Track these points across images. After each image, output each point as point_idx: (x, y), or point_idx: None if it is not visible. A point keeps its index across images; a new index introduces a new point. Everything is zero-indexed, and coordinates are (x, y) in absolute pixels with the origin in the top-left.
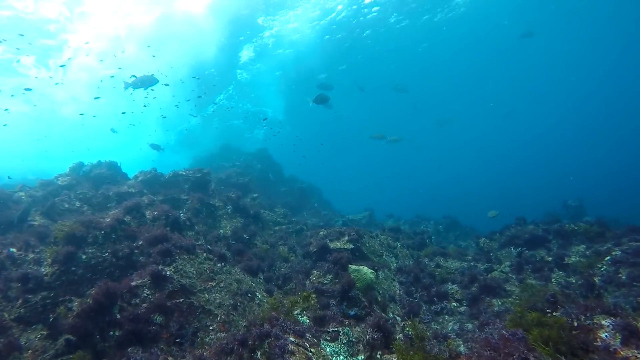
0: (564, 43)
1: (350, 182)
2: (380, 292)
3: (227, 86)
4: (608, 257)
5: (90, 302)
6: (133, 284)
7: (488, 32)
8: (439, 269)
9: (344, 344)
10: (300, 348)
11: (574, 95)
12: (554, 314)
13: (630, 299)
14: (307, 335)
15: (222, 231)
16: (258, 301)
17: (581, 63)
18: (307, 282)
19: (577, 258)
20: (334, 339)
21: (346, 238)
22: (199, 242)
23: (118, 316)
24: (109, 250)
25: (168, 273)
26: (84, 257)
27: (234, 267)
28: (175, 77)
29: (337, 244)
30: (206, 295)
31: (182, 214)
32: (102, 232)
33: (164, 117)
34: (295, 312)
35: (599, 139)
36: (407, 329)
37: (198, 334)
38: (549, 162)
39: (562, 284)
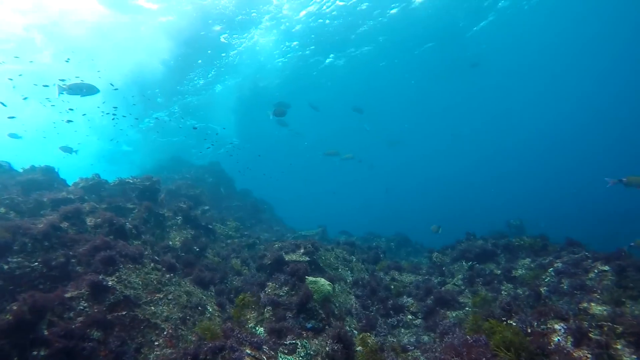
0: (505, 73)
1: (303, 200)
2: (337, 305)
3: (171, 106)
4: (551, 269)
5: (10, 317)
6: (67, 295)
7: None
8: (394, 283)
9: (302, 356)
10: None
11: (513, 120)
12: (510, 321)
13: (572, 306)
14: (265, 347)
15: (171, 242)
16: (209, 315)
17: (521, 91)
18: (262, 294)
19: (524, 271)
20: (292, 351)
21: (302, 250)
22: (146, 252)
23: (46, 333)
24: (39, 259)
25: (110, 283)
26: (5, 267)
27: (183, 278)
28: (113, 90)
29: (292, 257)
30: (152, 307)
31: (127, 223)
32: (33, 239)
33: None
34: (250, 325)
35: (538, 159)
36: (366, 340)
37: (142, 350)
38: (493, 181)
39: (511, 295)
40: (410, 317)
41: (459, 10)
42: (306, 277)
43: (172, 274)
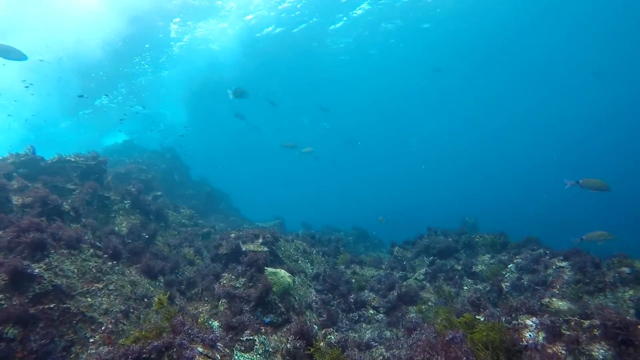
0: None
1: (262, 192)
2: (297, 298)
3: (116, 89)
4: (511, 265)
5: None
6: None
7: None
8: (355, 277)
9: (260, 354)
10: None
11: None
12: (478, 316)
13: (535, 301)
14: (219, 345)
15: (117, 228)
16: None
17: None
18: (217, 285)
19: (484, 267)
20: (249, 348)
21: (260, 240)
22: (86, 237)
23: None
24: None
25: (36, 271)
26: None
27: (129, 267)
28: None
29: (250, 246)
30: (89, 299)
31: (65, 204)
32: None
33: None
34: (203, 319)
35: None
36: (328, 336)
37: (72, 348)
38: (449, 178)
39: (472, 291)
40: (372, 312)
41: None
42: (265, 268)
43: (115, 262)
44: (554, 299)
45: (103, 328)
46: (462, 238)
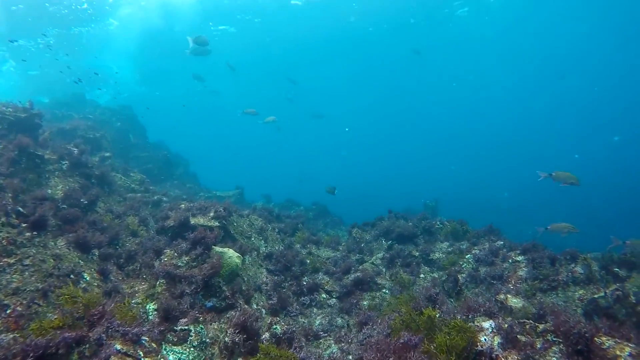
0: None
1: (224, 159)
2: (246, 279)
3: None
4: (469, 255)
5: None
6: None
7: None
8: (311, 257)
9: (194, 347)
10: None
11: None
12: (434, 313)
13: (488, 296)
14: (144, 339)
15: (50, 191)
16: (85, 285)
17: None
18: (157, 263)
19: (441, 255)
20: (182, 340)
21: (212, 214)
22: (3, 202)
23: None
24: None
25: None
26: None
27: (56, 238)
28: None
29: (200, 220)
30: None
31: None
32: None
33: None
34: (137, 300)
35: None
36: (274, 326)
37: None
38: (413, 160)
39: (429, 280)
40: (324, 296)
41: None
42: (213, 246)
43: (35, 232)
44: (509, 296)
45: (9, 311)
46: (422, 224)
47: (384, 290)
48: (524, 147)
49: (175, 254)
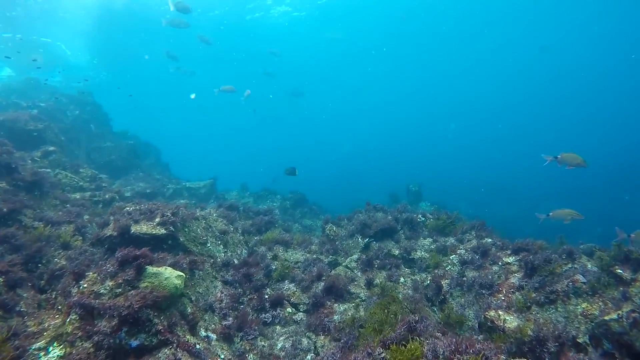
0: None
1: (202, 148)
2: (194, 298)
3: None
4: (454, 256)
5: None
6: None
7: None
8: (277, 262)
9: None
10: None
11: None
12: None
13: (476, 309)
14: None
15: None
16: None
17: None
18: (75, 290)
19: (424, 253)
20: None
21: (158, 219)
22: None
23: None
24: None
25: None
26: None
27: None
28: None
29: (143, 227)
30: None
31: None
32: None
33: None
34: (39, 345)
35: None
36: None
37: None
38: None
39: (409, 285)
40: (289, 310)
41: None
42: (146, 266)
43: None
44: (500, 313)
45: None
46: (402, 216)
47: (358, 300)
48: (515, 130)
49: (99, 278)
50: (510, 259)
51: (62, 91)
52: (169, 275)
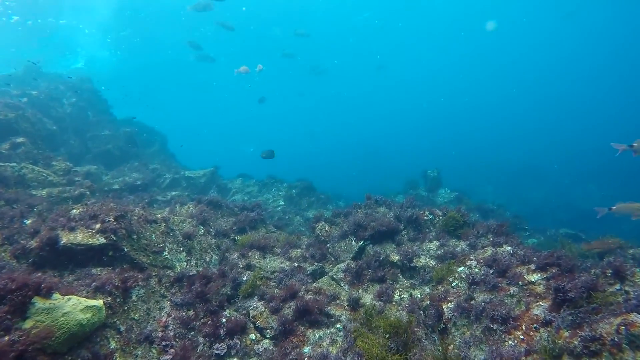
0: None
1: (214, 136)
2: (124, 328)
3: None
4: (462, 268)
5: None
6: None
7: None
8: (249, 272)
9: None
10: None
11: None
12: None
13: (486, 353)
14: None
15: None
16: None
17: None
18: None
19: (428, 260)
20: None
21: (98, 225)
22: None
23: None
24: None
25: None
26: None
27: None
28: None
29: (78, 236)
30: None
31: None
32: None
33: None
34: None
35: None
36: None
37: None
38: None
39: (406, 305)
40: (253, 336)
41: None
42: (35, 298)
43: None
44: None
45: None
46: (407, 213)
47: (337, 326)
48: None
49: None
50: (535, 277)
51: (65, 78)
52: (71, 308)
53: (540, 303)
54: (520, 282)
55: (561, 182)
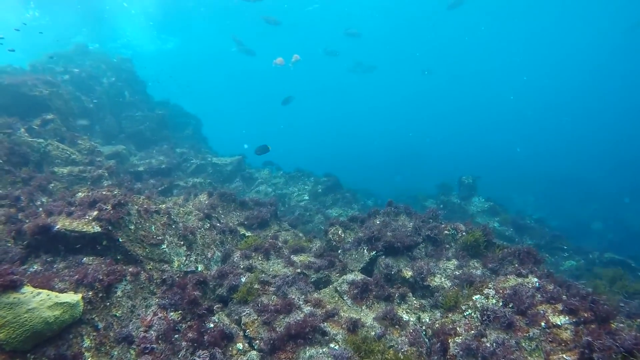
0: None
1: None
2: (103, 325)
3: None
4: (477, 296)
5: None
6: None
7: None
8: (249, 275)
9: None
10: None
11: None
12: None
13: None
14: None
15: None
16: None
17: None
18: None
19: (443, 280)
20: None
21: (95, 213)
22: None
23: None
24: None
25: None
26: None
27: None
28: None
29: (73, 223)
30: None
31: None
32: None
33: None
34: None
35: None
36: None
37: None
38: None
39: (410, 328)
40: (240, 346)
41: None
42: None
43: None
44: None
45: None
46: (427, 226)
47: (331, 345)
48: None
49: None
50: (560, 320)
51: (109, 57)
52: (38, 304)
53: (564, 356)
54: (543, 324)
55: (615, 199)
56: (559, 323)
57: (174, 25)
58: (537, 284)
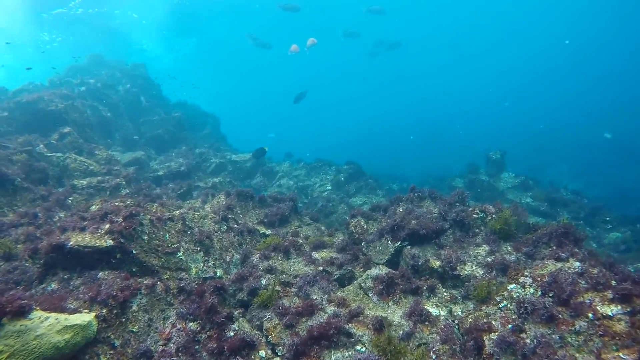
0: None
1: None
2: (120, 342)
3: None
4: (512, 286)
5: None
6: None
7: None
8: (268, 276)
9: None
10: None
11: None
12: None
13: None
14: None
15: None
16: None
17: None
18: None
19: (474, 268)
20: None
21: (107, 226)
22: None
23: None
24: None
25: None
26: None
27: None
28: None
29: (85, 238)
30: None
31: None
32: None
33: None
34: None
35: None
36: None
37: None
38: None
39: (441, 322)
40: (262, 353)
41: None
42: (2, 322)
43: None
44: None
45: None
46: (454, 210)
47: (358, 347)
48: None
49: None
50: (611, 309)
51: (123, 65)
52: (46, 330)
53: (620, 354)
54: (590, 315)
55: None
56: (609, 314)
57: (188, 29)
58: (580, 268)
